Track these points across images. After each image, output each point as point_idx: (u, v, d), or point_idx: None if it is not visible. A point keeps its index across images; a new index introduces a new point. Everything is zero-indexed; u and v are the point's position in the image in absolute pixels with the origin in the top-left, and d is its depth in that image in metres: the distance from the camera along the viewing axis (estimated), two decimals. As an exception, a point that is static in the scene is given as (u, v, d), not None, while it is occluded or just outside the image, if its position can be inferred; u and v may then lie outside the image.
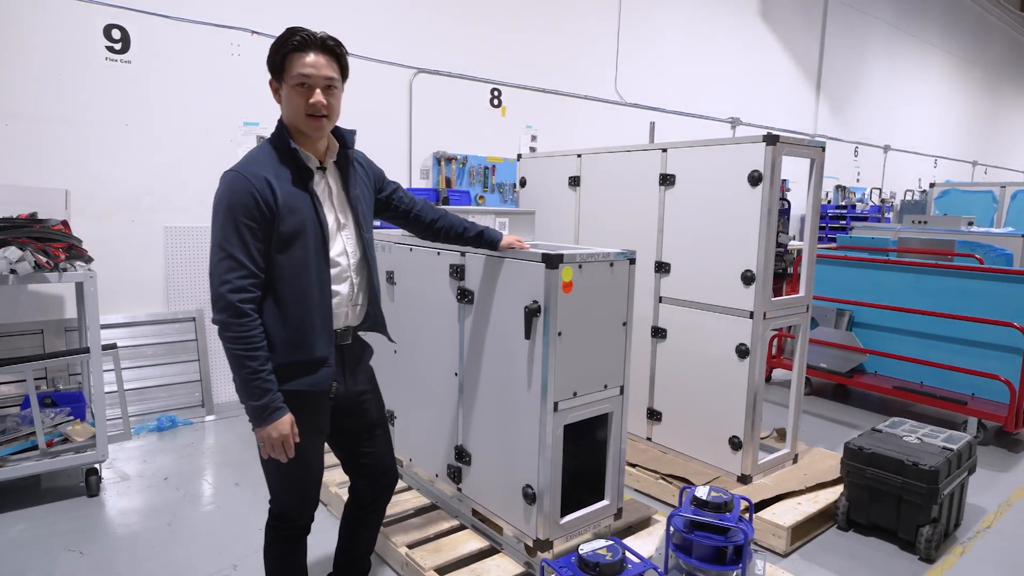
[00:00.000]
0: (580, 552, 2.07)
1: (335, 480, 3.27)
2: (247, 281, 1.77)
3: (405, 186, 5.75)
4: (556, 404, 2.37)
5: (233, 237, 1.76)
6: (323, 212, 1.91)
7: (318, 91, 1.85)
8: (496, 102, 6.42)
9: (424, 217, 2.34)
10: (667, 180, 3.55)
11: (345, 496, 2.36)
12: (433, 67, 5.90)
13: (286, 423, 1.83)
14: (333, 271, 1.94)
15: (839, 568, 2.92)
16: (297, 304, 1.86)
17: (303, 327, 1.87)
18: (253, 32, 4.76)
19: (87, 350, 3.31)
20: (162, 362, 4.62)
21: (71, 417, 3.64)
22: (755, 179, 3.12)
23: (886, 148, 12.71)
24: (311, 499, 2.07)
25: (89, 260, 3.47)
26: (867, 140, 12.15)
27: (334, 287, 1.95)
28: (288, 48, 1.84)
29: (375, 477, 2.24)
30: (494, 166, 6.34)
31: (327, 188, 1.98)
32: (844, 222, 10.05)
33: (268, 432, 1.82)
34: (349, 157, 2.05)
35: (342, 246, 1.99)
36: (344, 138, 2.02)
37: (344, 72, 1.95)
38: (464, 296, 2.69)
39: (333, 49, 1.89)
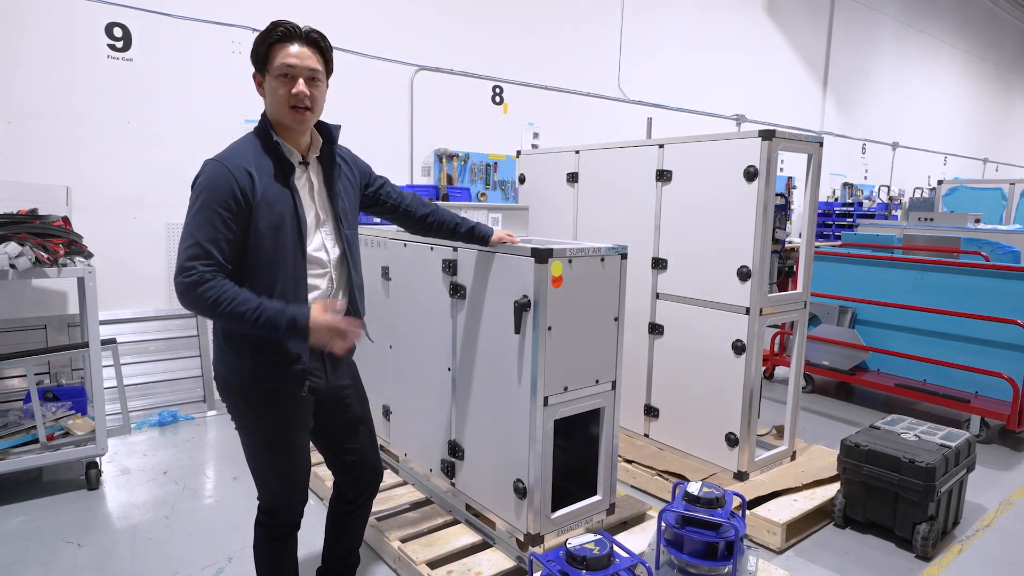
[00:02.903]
0: (568, 546, 2.07)
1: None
2: (210, 270, 1.74)
3: (406, 183, 5.78)
4: (546, 399, 2.37)
5: (206, 225, 1.75)
6: (302, 207, 1.90)
7: (301, 81, 1.84)
8: (498, 99, 6.41)
9: (414, 212, 2.34)
10: (664, 176, 3.54)
11: None
12: (434, 64, 5.91)
13: (319, 313, 1.79)
14: (311, 267, 1.94)
15: (834, 565, 2.90)
16: (271, 298, 1.83)
17: None
18: (254, 30, 4.78)
19: (86, 345, 3.34)
20: (165, 357, 4.66)
21: (72, 411, 3.68)
22: (751, 174, 3.10)
23: (894, 145, 12.61)
24: (299, 495, 2.07)
25: (89, 256, 3.50)
26: (875, 137, 12.05)
27: (312, 283, 1.94)
28: (272, 39, 1.83)
29: (360, 473, 2.24)
30: (496, 163, 6.34)
31: (308, 183, 1.97)
32: (851, 220, 9.98)
33: (319, 336, 1.78)
34: (333, 152, 2.03)
35: (321, 242, 1.97)
36: (329, 133, 2.01)
37: (328, 66, 1.94)
38: (456, 291, 2.69)
39: (317, 42, 1.88)
